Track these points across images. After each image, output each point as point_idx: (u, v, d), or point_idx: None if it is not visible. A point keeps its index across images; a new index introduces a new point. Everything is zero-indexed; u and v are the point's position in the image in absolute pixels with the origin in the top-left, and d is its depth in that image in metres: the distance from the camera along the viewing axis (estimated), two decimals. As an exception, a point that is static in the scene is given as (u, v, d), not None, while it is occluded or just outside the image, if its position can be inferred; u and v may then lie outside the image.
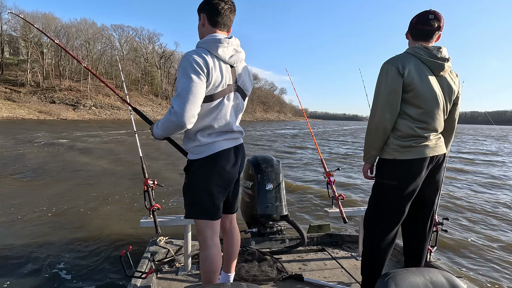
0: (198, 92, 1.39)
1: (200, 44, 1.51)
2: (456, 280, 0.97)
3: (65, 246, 3.58)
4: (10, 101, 46.64)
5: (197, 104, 1.39)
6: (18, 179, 6.93)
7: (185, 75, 1.38)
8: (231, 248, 1.82)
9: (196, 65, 1.39)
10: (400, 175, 1.64)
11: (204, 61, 1.42)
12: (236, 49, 1.56)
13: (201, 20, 1.57)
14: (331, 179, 2.56)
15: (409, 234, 1.88)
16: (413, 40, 1.72)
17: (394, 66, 1.59)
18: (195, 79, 1.38)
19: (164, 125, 1.45)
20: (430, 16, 1.63)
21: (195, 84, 1.38)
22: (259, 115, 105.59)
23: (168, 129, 1.46)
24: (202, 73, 1.40)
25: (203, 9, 1.55)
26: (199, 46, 1.51)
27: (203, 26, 1.57)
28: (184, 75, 1.38)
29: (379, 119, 1.63)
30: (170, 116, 1.39)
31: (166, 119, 1.43)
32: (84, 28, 62.86)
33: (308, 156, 13.28)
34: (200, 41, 1.53)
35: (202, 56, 1.43)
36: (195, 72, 1.38)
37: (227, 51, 1.51)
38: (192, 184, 1.57)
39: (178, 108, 1.36)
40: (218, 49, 1.48)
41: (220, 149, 1.54)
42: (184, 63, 1.40)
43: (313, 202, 6.03)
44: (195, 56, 1.41)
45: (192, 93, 1.37)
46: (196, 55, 1.42)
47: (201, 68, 1.40)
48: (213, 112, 1.51)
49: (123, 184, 6.81)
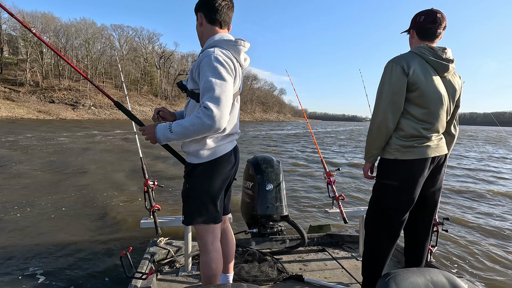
0: (231, 95, 1.35)
1: (219, 43, 1.43)
2: (457, 280, 0.97)
3: (65, 247, 3.58)
4: (9, 100, 46.53)
5: (230, 104, 1.35)
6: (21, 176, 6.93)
7: (218, 75, 1.31)
8: (227, 248, 1.81)
9: (228, 66, 1.36)
10: (402, 175, 1.63)
11: (233, 64, 1.40)
12: (246, 52, 1.54)
13: (199, 19, 1.51)
14: (331, 179, 2.56)
15: (409, 234, 1.88)
16: (419, 39, 1.68)
17: (399, 65, 1.57)
18: (229, 80, 1.34)
19: (193, 129, 1.29)
20: (438, 15, 1.62)
21: (229, 86, 1.34)
22: (258, 115, 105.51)
23: (198, 132, 1.31)
24: (232, 74, 1.38)
25: (200, 7, 1.50)
26: (217, 45, 1.43)
27: (201, 25, 1.52)
28: (218, 75, 1.31)
29: (382, 118, 1.61)
30: (206, 119, 1.26)
31: (198, 122, 1.28)
32: (84, 28, 62.74)
33: (308, 156, 13.29)
34: (218, 40, 1.45)
35: (230, 57, 1.40)
36: (228, 73, 1.34)
37: (243, 54, 1.50)
38: (195, 189, 1.52)
39: (217, 111, 1.26)
40: (240, 52, 1.46)
41: (224, 152, 1.53)
42: (215, 63, 1.32)
43: (313, 202, 6.04)
44: (225, 56, 1.37)
45: (228, 95, 1.31)
46: (225, 56, 1.37)
47: (232, 70, 1.38)
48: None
49: (122, 184, 6.80)
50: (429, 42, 1.66)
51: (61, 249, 3.51)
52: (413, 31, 1.71)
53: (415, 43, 1.70)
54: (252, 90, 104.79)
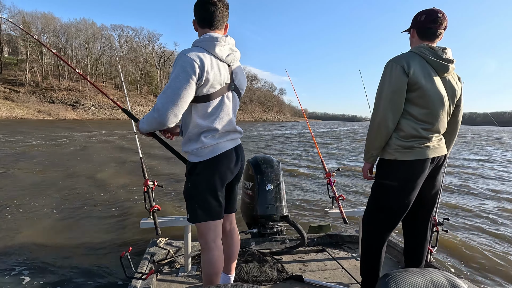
0: (184, 95, 1.39)
1: (196, 43, 1.51)
2: (457, 280, 0.97)
3: (64, 248, 3.58)
4: (9, 100, 46.55)
5: (180, 106, 1.40)
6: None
7: (176, 75, 1.39)
8: (231, 249, 1.81)
9: (189, 68, 1.38)
10: (401, 176, 1.62)
11: (200, 62, 1.41)
12: (232, 48, 1.56)
13: (194, 25, 1.59)
14: (331, 179, 2.56)
15: (409, 234, 1.88)
16: (420, 38, 1.67)
17: (399, 64, 1.56)
18: (184, 82, 1.38)
19: (148, 120, 1.49)
20: (439, 15, 1.61)
21: (183, 87, 1.38)
22: (258, 115, 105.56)
23: (151, 124, 1.49)
24: (194, 75, 1.39)
25: (194, 14, 1.56)
26: (195, 45, 1.51)
27: (196, 30, 1.59)
28: (175, 75, 1.39)
29: (382, 119, 1.59)
30: (153, 113, 1.43)
31: (150, 114, 1.46)
32: (84, 28, 62.78)
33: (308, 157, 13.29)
34: (197, 39, 1.52)
35: (198, 56, 1.41)
36: (186, 75, 1.38)
37: (224, 49, 1.51)
38: (196, 187, 1.54)
39: (161, 106, 1.39)
40: (215, 47, 1.47)
41: (224, 150, 1.54)
42: (178, 63, 1.40)
43: (313, 202, 6.04)
44: (190, 56, 1.40)
45: (177, 94, 1.38)
46: (191, 55, 1.41)
47: (194, 70, 1.39)
48: (215, 112, 1.51)
49: (122, 184, 6.80)
50: (430, 42, 1.65)
51: (61, 250, 3.50)
52: (414, 31, 1.70)
53: (416, 43, 1.70)
54: (252, 90, 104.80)
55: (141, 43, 76.95)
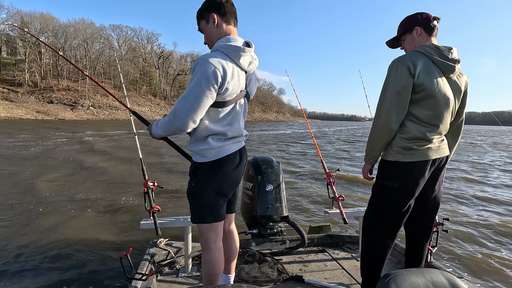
0: (205, 103, 1.37)
1: (220, 47, 1.45)
2: (457, 280, 0.97)
3: (64, 248, 3.57)
4: (7, 101, 46.47)
5: (200, 113, 1.39)
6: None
7: (197, 82, 1.35)
8: (230, 249, 1.82)
9: (211, 75, 1.35)
10: (403, 177, 1.61)
11: (223, 71, 1.38)
12: (252, 55, 1.54)
13: (211, 21, 1.50)
14: (331, 179, 2.56)
15: (409, 234, 1.88)
16: (428, 35, 1.64)
17: (405, 65, 1.52)
18: (205, 89, 1.36)
19: (165, 126, 1.46)
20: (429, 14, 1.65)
21: (204, 94, 1.36)
22: (257, 115, 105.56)
23: (168, 130, 1.46)
24: (216, 84, 1.37)
25: (210, 9, 1.50)
26: (219, 49, 1.46)
27: (216, 26, 1.50)
28: (197, 82, 1.35)
29: (385, 120, 1.56)
30: (172, 118, 1.40)
31: (167, 120, 1.43)
32: (82, 28, 62.70)
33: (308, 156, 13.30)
34: (221, 44, 1.46)
35: (221, 64, 1.38)
36: (208, 83, 1.35)
37: (247, 59, 1.50)
38: (200, 187, 1.54)
39: (181, 112, 1.37)
40: (240, 58, 1.46)
41: (229, 152, 1.54)
42: (200, 69, 1.36)
43: (313, 203, 6.04)
44: (213, 63, 1.36)
45: (197, 101, 1.36)
46: (214, 62, 1.37)
47: (216, 79, 1.36)
48: (226, 118, 1.50)
49: (122, 185, 6.79)
50: (433, 37, 1.64)
51: (60, 250, 3.50)
52: (419, 29, 1.65)
53: (422, 40, 1.65)
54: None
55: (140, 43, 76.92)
